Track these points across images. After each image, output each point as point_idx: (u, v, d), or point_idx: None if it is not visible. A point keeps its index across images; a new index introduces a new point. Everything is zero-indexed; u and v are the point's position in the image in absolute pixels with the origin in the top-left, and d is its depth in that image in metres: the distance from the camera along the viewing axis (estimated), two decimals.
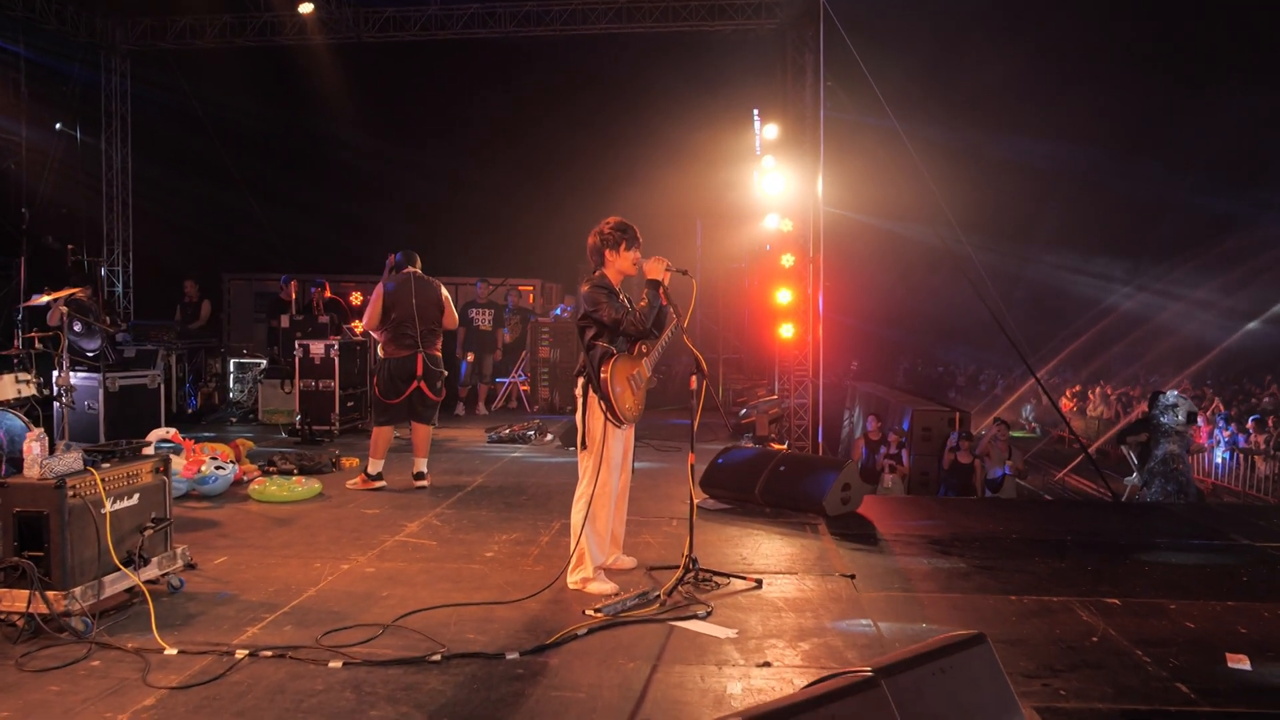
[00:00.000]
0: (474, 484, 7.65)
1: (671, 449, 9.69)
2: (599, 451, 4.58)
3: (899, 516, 6.72)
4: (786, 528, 6.19)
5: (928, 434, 12.64)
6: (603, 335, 4.62)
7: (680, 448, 9.91)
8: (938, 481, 12.34)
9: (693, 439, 4.73)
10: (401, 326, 7.34)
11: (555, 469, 8.47)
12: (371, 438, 7.38)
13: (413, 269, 7.58)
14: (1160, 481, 10.10)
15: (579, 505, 4.68)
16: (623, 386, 4.57)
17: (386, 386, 7.35)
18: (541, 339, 13.33)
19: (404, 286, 7.42)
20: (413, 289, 7.42)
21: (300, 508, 6.63)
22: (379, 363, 7.55)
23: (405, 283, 7.45)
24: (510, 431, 10.21)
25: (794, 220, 13.79)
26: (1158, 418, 10.21)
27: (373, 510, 6.55)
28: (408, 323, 7.35)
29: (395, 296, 7.37)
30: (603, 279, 4.70)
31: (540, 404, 13.35)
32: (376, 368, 7.59)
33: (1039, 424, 25.33)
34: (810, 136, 14.17)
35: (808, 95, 14.24)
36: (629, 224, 4.78)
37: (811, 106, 14.16)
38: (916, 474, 12.51)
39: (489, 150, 19.03)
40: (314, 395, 10.24)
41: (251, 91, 16.25)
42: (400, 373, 7.34)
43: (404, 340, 7.36)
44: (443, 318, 7.59)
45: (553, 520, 6.28)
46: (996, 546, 5.79)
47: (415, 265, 7.62)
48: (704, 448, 9.98)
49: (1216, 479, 15.51)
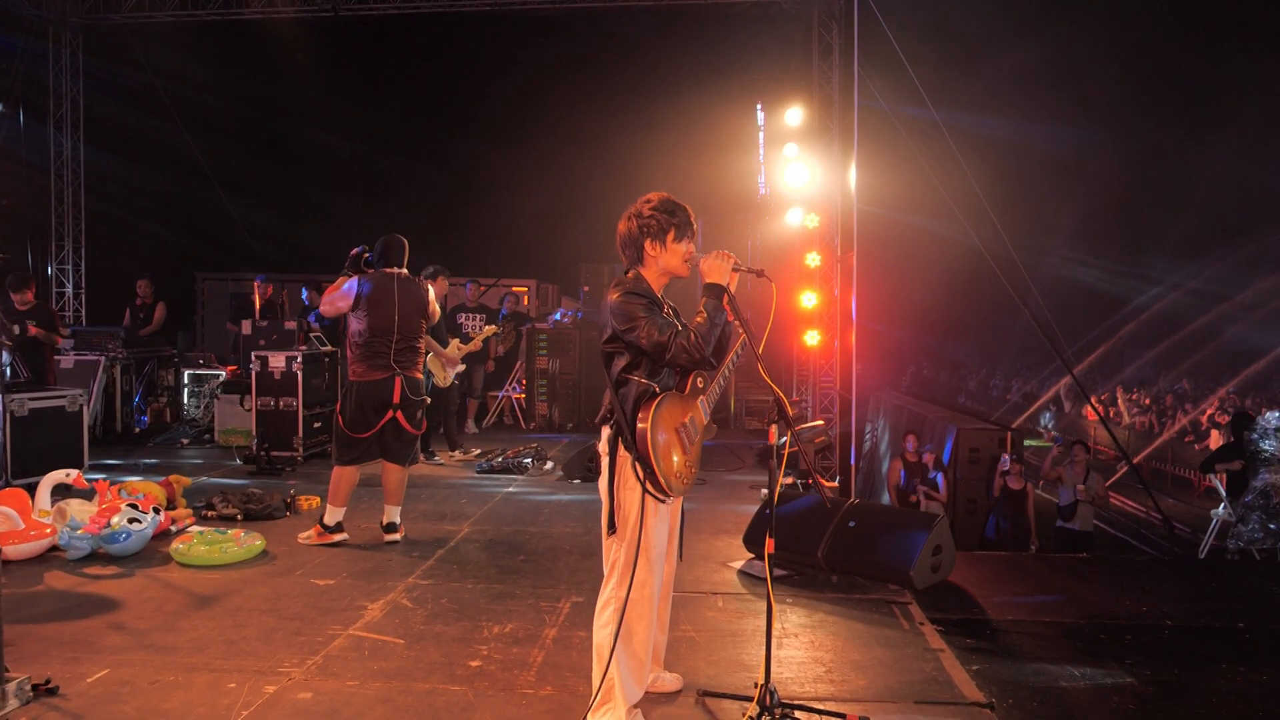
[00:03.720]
0: (458, 536, 6.16)
1: None
2: (635, 537, 3.11)
3: (1000, 584, 5.26)
4: (866, 609, 4.72)
5: (975, 456, 11.18)
6: (640, 365, 3.16)
7: (704, 479, 8.43)
8: (986, 510, 10.91)
9: (771, 519, 3.24)
10: (376, 341, 5.81)
11: (558, 512, 6.98)
12: (331, 480, 5.87)
13: (397, 269, 6.02)
14: (1259, 517, 8.66)
15: (606, 616, 3.21)
16: (669, 440, 3.11)
17: (354, 416, 5.81)
18: (538, 348, 11.84)
19: (384, 288, 5.86)
20: (395, 293, 5.88)
21: (234, 574, 5.14)
22: (345, 386, 5.99)
23: (385, 284, 5.88)
24: (504, 459, 8.72)
25: (820, 215, 12.36)
26: (1257, 443, 8.78)
27: (326, 580, 5.06)
28: (385, 336, 5.83)
29: (372, 300, 5.81)
30: (639, 283, 3.24)
31: (537, 420, 11.87)
32: (342, 392, 6.02)
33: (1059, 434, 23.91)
34: (839, 123, 12.74)
35: (836, 77, 12.79)
36: (679, 203, 3.31)
37: (841, 90, 12.73)
38: (963, 501, 11.07)
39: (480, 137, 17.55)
40: (274, 416, 8.75)
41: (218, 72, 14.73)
42: (372, 400, 5.81)
43: (378, 359, 5.82)
44: (424, 330, 6.11)
45: (559, 598, 4.81)
46: (1154, 640, 4.35)
47: (401, 263, 6.04)
48: (729, 479, 8.52)
49: None
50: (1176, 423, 19.18)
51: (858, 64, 11.78)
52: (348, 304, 5.84)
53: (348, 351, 5.96)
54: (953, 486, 11.18)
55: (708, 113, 16.30)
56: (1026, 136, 22.49)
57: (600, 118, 17.50)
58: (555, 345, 11.79)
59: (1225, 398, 19.94)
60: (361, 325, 5.81)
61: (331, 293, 5.92)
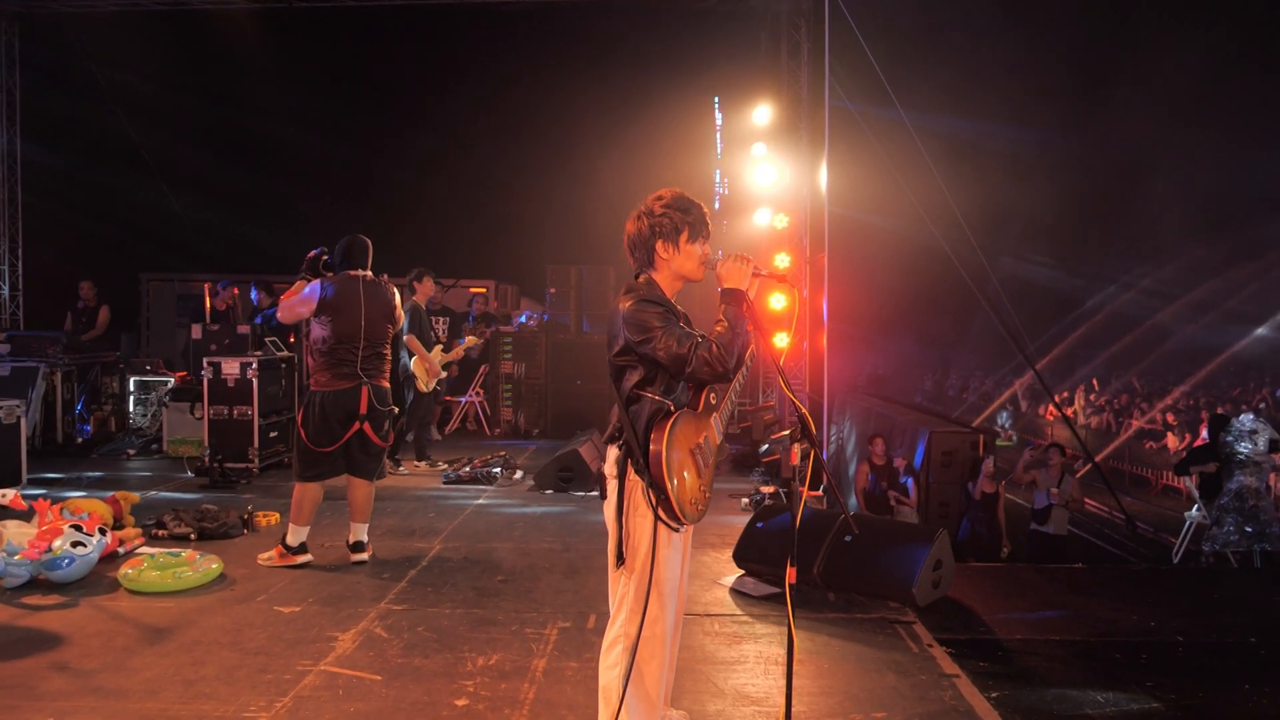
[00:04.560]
0: (430, 554, 5.82)
1: None
2: (646, 569, 2.82)
3: (1001, 599, 5.07)
4: (870, 630, 4.49)
5: (948, 459, 11.06)
6: (655, 381, 2.87)
7: None
8: (958, 514, 10.81)
9: (794, 547, 2.98)
10: (342, 348, 5.42)
11: (534, 526, 6.67)
12: (293, 498, 5.48)
13: (362, 271, 5.65)
14: (1234, 519, 8.64)
15: (614, 655, 2.91)
16: (684, 462, 2.83)
17: (318, 429, 5.42)
18: (503, 351, 11.49)
19: (348, 292, 5.48)
20: (361, 297, 5.50)
21: (189, 602, 4.76)
22: (307, 396, 5.58)
23: (350, 288, 5.50)
24: (472, 469, 8.38)
25: (790, 215, 12.19)
26: (1232, 445, 8.76)
27: (291, 607, 4.70)
28: (351, 343, 5.45)
29: (336, 305, 5.42)
30: (652, 289, 2.95)
31: (502, 427, 11.52)
32: (304, 403, 5.61)
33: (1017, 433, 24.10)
34: (808, 123, 12.59)
35: (805, 76, 12.64)
36: (693, 200, 3.03)
37: (810, 89, 12.58)
38: (936, 505, 10.95)
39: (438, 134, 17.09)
40: (227, 425, 8.31)
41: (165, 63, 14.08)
42: (337, 411, 5.42)
43: (343, 367, 5.43)
44: (391, 336, 5.76)
45: (545, 624, 4.50)
46: (1170, 659, 4.18)
47: (365, 265, 5.66)
48: None
49: None
50: (1134, 422, 19.38)
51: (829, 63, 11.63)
52: (309, 309, 5.46)
53: (308, 359, 5.56)
54: (925, 491, 11.07)
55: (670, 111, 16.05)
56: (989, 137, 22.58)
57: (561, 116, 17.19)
58: (521, 349, 11.46)
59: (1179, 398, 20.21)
60: (325, 332, 5.43)
61: (290, 297, 5.53)
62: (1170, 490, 16.90)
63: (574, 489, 7.88)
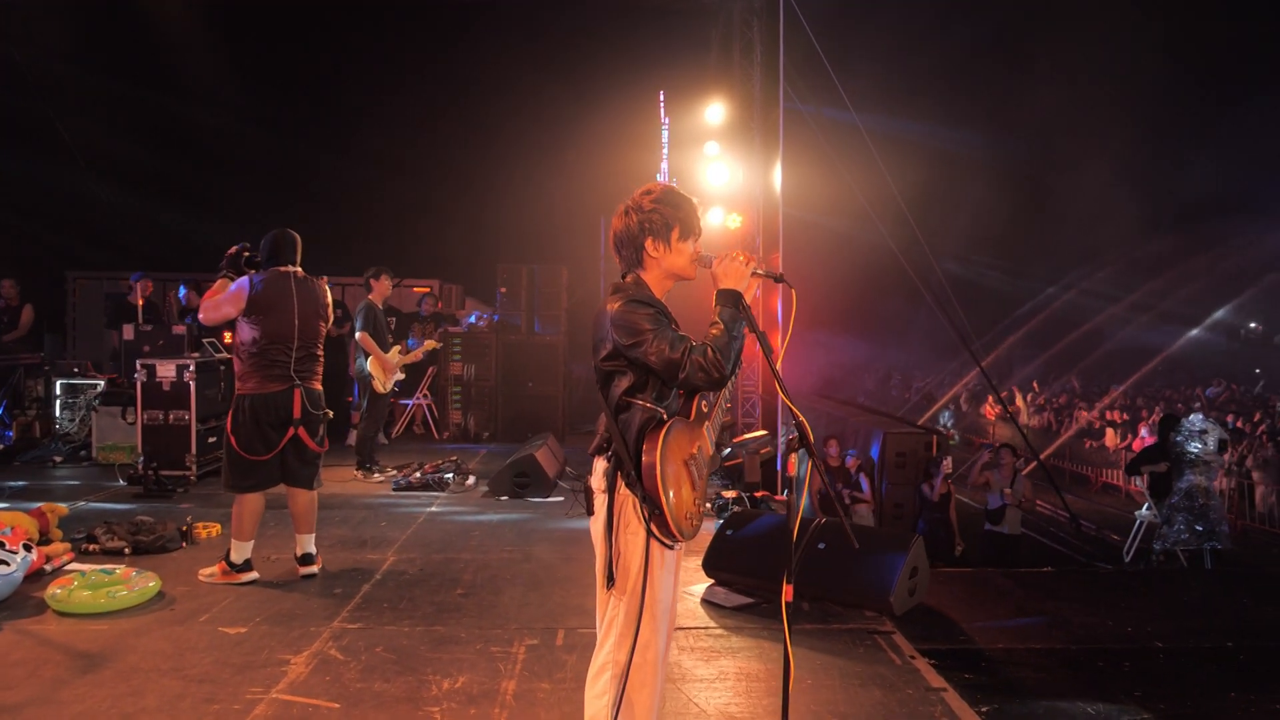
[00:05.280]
0: (384, 566, 5.53)
1: None
2: (638, 590, 2.62)
3: (977, 606, 4.99)
4: (849, 642, 4.35)
5: (902, 460, 11.08)
6: (646, 387, 2.67)
7: None
8: (914, 514, 10.83)
9: (792, 562, 2.80)
10: (274, 349, 5.09)
11: (490, 534, 6.41)
12: (233, 512, 5.14)
13: (292, 267, 5.30)
14: (1185, 518, 8.76)
15: (602, 683, 2.70)
16: (679, 474, 2.63)
17: (250, 435, 5.07)
18: (452, 353, 11.17)
19: (279, 289, 5.15)
20: (293, 294, 5.19)
21: (125, 624, 4.42)
22: (235, 401, 5.19)
23: (280, 284, 5.16)
24: (422, 475, 8.07)
25: (743, 216, 12.10)
26: (1182, 445, 8.87)
27: (237, 627, 4.39)
28: (284, 343, 5.12)
29: (266, 303, 5.09)
30: (641, 290, 2.75)
31: (451, 430, 11.20)
32: (232, 409, 5.19)
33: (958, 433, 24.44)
34: (761, 122, 12.51)
35: (758, 75, 12.55)
36: (685, 195, 2.83)
37: (763, 89, 12.50)
38: (890, 506, 10.96)
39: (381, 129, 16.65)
40: (162, 431, 7.89)
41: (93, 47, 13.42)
42: (270, 415, 5.09)
43: (274, 368, 5.10)
44: (324, 335, 5.43)
45: (511, 641, 4.27)
46: (1153, 667, 4.12)
47: (294, 260, 5.32)
48: None
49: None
50: (1075, 421, 19.75)
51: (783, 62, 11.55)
52: (237, 308, 5.08)
53: (236, 362, 5.19)
54: (878, 491, 11.07)
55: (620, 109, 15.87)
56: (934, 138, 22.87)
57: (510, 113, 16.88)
58: (471, 350, 11.14)
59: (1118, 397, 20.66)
60: (255, 332, 5.07)
61: (213, 296, 5.14)
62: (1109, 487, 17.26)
63: (530, 495, 7.63)
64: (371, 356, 8.12)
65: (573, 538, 6.35)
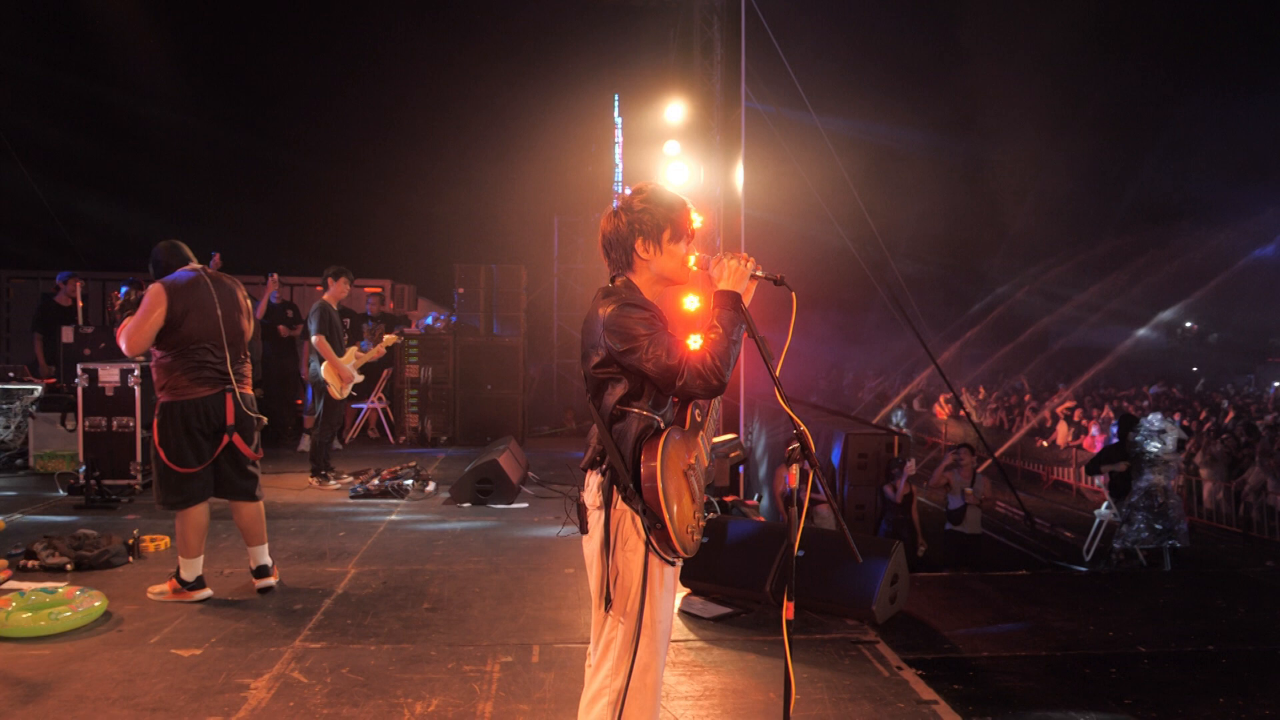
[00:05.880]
0: (345, 579, 5.30)
1: None
2: (636, 611, 2.47)
3: (956, 611, 4.93)
4: (833, 653, 4.24)
5: (863, 461, 11.04)
6: (642, 395, 2.51)
7: None
8: (876, 516, 10.82)
9: (792, 578, 2.67)
10: (199, 350, 4.76)
11: (455, 544, 6.20)
12: (176, 529, 4.86)
13: (199, 266, 4.96)
14: (1144, 517, 8.84)
15: (598, 710, 2.53)
16: (679, 486, 2.48)
17: (180, 445, 4.73)
18: (408, 355, 10.90)
19: (196, 289, 4.80)
20: (212, 292, 4.86)
21: (69, 648, 4.14)
22: (161, 411, 4.81)
23: (197, 285, 4.82)
24: (380, 482, 7.82)
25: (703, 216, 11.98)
26: (1141, 444, 8.96)
27: (191, 650, 4.14)
28: (210, 341, 4.79)
29: (185, 302, 4.73)
30: (633, 293, 2.59)
31: (407, 434, 10.93)
32: (157, 419, 4.80)
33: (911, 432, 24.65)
34: (721, 122, 12.43)
35: (718, 74, 12.46)
36: (676, 195, 2.69)
37: (723, 87, 12.41)
38: (852, 507, 10.93)
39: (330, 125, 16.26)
40: (105, 438, 7.54)
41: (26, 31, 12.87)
42: (202, 423, 4.77)
43: (204, 370, 4.77)
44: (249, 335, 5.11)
45: (485, 659, 4.09)
46: (1139, 673, 4.08)
47: (193, 260, 4.98)
48: None
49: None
50: (1025, 419, 20.02)
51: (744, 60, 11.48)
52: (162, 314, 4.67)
53: (156, 372, 4.82)
54: (841, 493, 11.04)
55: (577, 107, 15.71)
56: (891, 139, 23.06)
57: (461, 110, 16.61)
58: (428, 352, 10.88)
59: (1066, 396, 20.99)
60: (177, 335, 4.72)
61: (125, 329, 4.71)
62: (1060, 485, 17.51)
63: (493, 501, 7.43)
64: (326, 363, 7.84)
65: (540, 546, 6.18)
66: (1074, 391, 20.87)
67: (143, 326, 4.67)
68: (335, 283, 8.08)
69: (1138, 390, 21.57)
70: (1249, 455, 12.95)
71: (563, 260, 15.05)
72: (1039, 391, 22.41)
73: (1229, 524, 11.98)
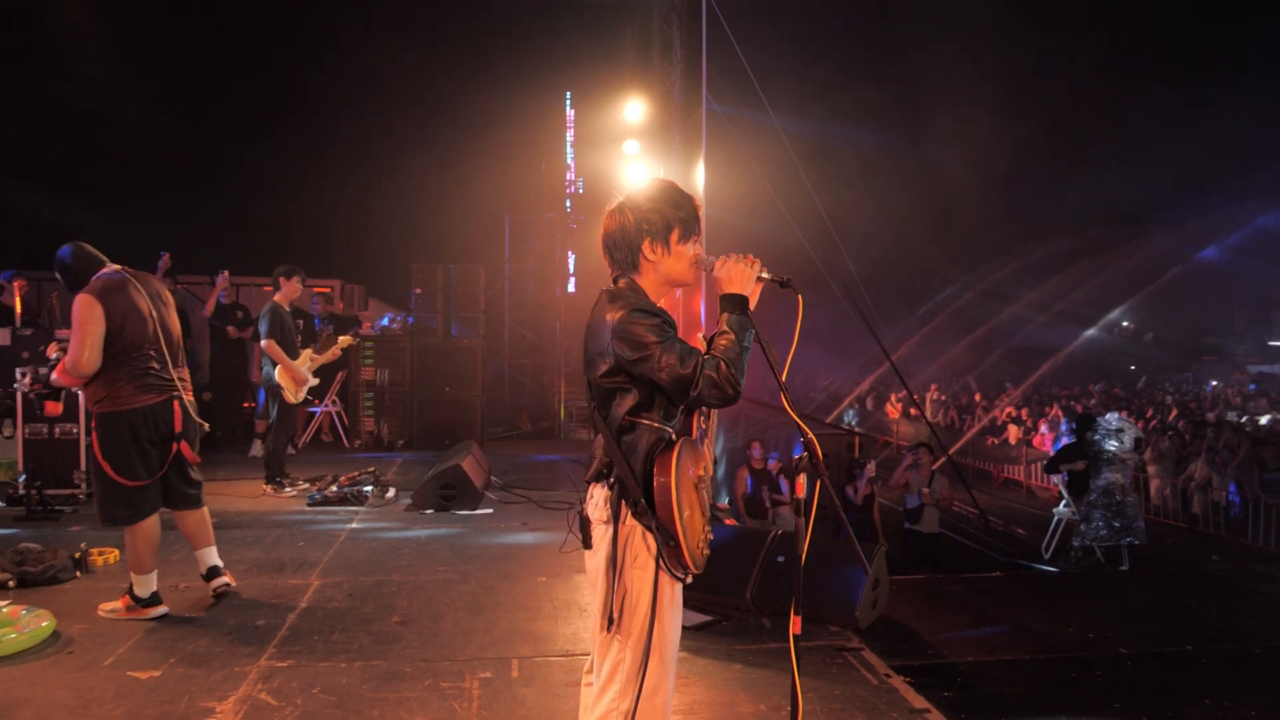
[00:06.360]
0: (308, 592, 5.09)
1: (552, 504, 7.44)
2: (645, 631, 2.36)
3: (936, 615, 4.91)
4: (819, 661, 4.16)
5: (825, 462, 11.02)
6: (653, 406, 2.40)
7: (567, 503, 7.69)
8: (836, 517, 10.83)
9: (799, 591, 2.58)
10: (141, 354, 4.48)
11: (420, 552, 6.02)
12: (126, 544, 4.60)
13: (117, 266, 4.64)
14: (1102, 514, 8.97)
15: None
16: (691, 500, 2.38)
17: (129, 457, 4.45)
18: (364, 357, 10.63)
19: (126, 292, 4.50)
20: (142, 293, 4.57)
21: (15, 671, 3.89)
22: (102, 422, 4.47)
23: (125, 287, 4.52)
24: (339, 488, 7.59)
25: None
26: (1099, 443, 9.09)
27: (149, 671, 3.92)
28: (152, 345, 4.52)
29: (121, 307, 4.43)
30: (641, 297, 2.47)
31: (363, 438, 10.66)
32: (98, 432, 4.46)
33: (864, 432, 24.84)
34: (681, 122, 12.37)
35: (678, 73, 12.39)
36: (684, 192, 2.58)
37: (683, 88, 12.36)
38: None
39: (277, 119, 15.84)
40: (47, 446, 7.20)
41: None
42: (150, 431, 4.50)
43: (148, 377, 4.50)
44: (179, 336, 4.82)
45: (462, 675, 3.93)
46: (1124, 675, 4.08)
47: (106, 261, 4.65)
48: None
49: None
50: (976, 419, 20.30)
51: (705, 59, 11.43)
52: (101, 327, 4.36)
53: (96, 384, 4.45)
54: None
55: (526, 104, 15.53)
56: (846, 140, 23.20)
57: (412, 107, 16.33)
58: (384, 353, 10.63)
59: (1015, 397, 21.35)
60: (117, 345, 4.42)
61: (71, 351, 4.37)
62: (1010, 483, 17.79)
63: (457, 508, 7.25)
64: (279, 367, 7.57)
65: (508, 554, 6.02)
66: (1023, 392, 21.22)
67: (87, 344, 4.35)
68: (287, 283, 7.80)
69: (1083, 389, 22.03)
70: (1195, 452, 13.24)
71: (515, 260, 14.85)
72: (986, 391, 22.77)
73: (1176, 520, 12.22)
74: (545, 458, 10.40)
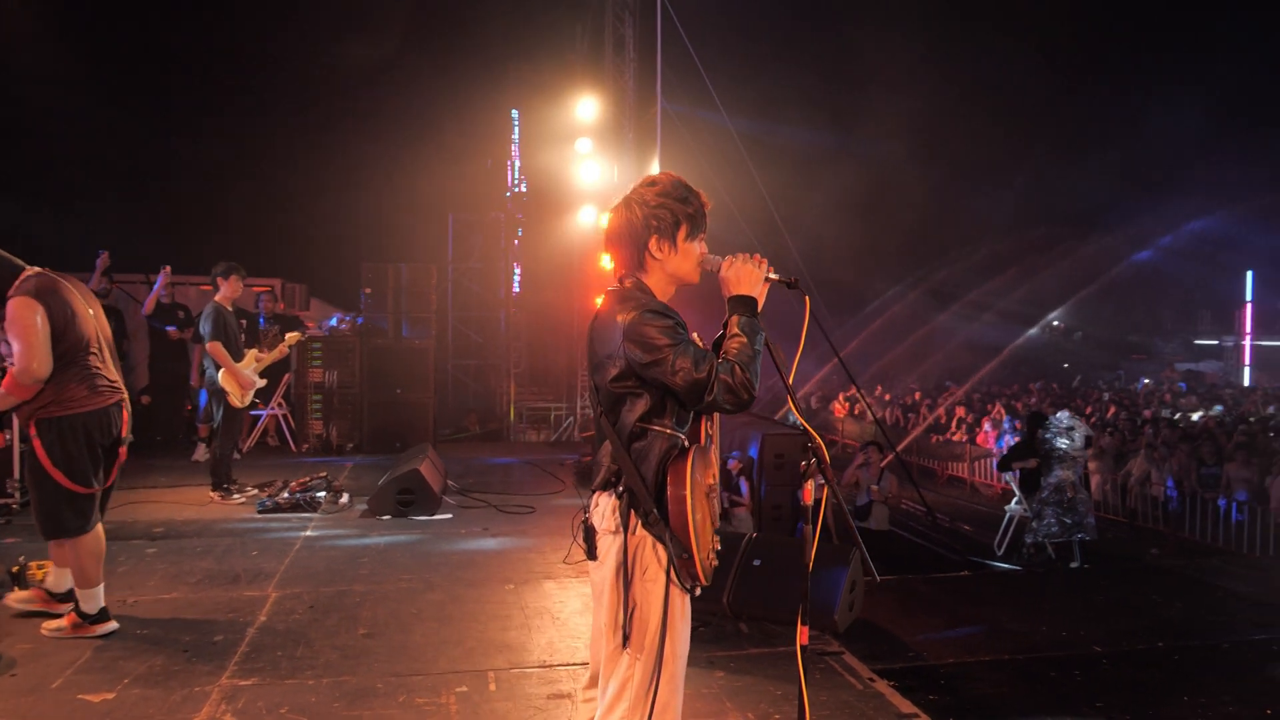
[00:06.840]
0: (266, 604, 4.88)
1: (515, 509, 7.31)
2: (655, 646, 2.26)
3: (912, 617, 4.91)
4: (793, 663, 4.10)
5: (780, 462, 11.04)
6: (665, 412, 2.30)
7: (532, 506, 7.57)
8: (792, 517, 10.87)
9: (806, 600, 2.51)
10: (89, 357, 4.26)
11: (381, 560, 5.83)
12: (72, 556, 4.33)
13: (39, 268, 4.33)
14: (1054, 511, 9.10)
15: None
16: (702, 509, 2.29)
17: (83, 463, 4.22)
18: (312, 358, 10.33)
19: (60, 291, 4.23)
20: (74, 292, 4.32)
21: None
22: (54, 427, 4.18)
23: (59, 286, 4.24)
24: (290, 494, 7.34)
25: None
26: (1051, 441, 9.23)
27: (102, 695, 3.70)
28: (93, 350, 4.29)
29: (61, 307, 4.18)
30: (651, 297, 2.38)
31: (310, 442, 10.36)
32: (46, 438, 4.17)
33: None
34: (634, 121, 12.29)
35: (631, 72, 12.32)
36: (691, 189, 2.48)
37: (636, 87, 12.28)
38: (769, 508, 10.94)
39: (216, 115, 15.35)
40: None
41: None
42: (103, 436, 4.29)
43: (98, 379, 4.28)
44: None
45: (438, 690, 3.79)
46: (1102, 674, 4.11)
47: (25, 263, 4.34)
48: (557, 504, 7.67)
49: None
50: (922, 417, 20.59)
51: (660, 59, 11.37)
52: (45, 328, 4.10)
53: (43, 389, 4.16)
54: (757, 494, 11.04)
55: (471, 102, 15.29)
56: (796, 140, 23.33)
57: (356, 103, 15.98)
58: (333, 355, 10.34)
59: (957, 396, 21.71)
60: (62, 346, 4.17)
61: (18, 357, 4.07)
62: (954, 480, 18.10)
63: (415, 513, 7.05)
64: (223, 370, 7.28)
65: (471, 560, 5.87)
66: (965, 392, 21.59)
67: (36, 347, 4.06)
68: (226, 282, 7.48)
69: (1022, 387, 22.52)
70: (1136, 448, 13.58)
71: (458, 259, 14.60)
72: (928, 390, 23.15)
73: (1115, 514, 12.52)
74: (499, 460, 10.22)
